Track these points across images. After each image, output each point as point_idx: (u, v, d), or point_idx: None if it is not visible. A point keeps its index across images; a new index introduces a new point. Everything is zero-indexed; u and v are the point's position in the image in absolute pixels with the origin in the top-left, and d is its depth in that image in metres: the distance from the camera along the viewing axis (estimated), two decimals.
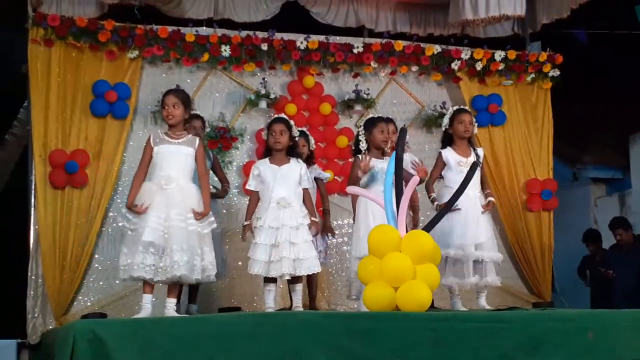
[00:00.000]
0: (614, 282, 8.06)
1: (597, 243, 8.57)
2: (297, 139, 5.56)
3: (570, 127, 9.15)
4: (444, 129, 6.03)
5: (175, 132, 5.17)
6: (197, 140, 5.20)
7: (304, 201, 5.41)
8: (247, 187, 5.55)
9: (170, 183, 5.00)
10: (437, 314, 4.70)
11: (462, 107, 6.16)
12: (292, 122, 5.50)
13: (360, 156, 5.64)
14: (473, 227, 5.69)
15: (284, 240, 5.21)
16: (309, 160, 6.02)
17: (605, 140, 10.33)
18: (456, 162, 5.85)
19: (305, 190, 5.45)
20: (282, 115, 5.68)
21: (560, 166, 9.45)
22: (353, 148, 5.89)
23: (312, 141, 6.21)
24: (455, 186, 5.55)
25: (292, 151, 5.49)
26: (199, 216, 4.99)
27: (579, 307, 7.01)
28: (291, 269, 5.22)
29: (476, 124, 6.12)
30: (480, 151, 6.03)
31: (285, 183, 5.36)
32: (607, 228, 8.40)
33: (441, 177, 5.99)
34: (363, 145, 5.73)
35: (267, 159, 5.48)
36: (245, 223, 5.41)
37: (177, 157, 5.08)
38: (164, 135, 5.17)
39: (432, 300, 4.67)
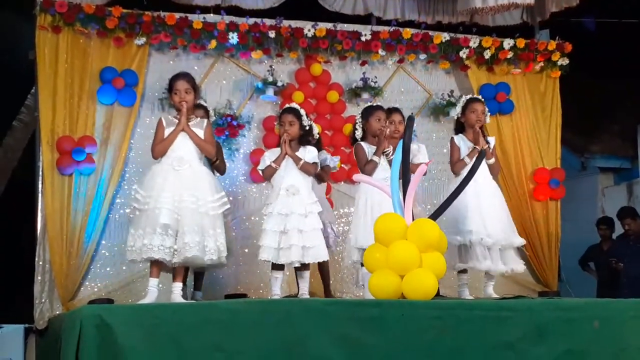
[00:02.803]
0: (620, 272, 8.03)
1: (610, 228, 8.53)
2: (307, 127, 5.54)
3: (579, 116, 9.12)
4: (456, 117, 6.02)
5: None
6: (205, 121, 5.32)
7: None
8: (259, 167, 5.56)
9: (182, 164, 5.09)
10: (443, 302, 4.70)
11: (475, 96, 6.14)
12: (302, 111, 5.51)
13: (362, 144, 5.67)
14: (488, 214, 5.69)
15: (293, 227, 5.24)
16: (317, 147, 6.05)
17: (613, 129, 10.29)
18: (467, 149, 5.83)
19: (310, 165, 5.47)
20: (293, 104, 5.66)
21: (568, 155, 9.43)
22: (351, 136, 5.91)
23: (316, 130, 6.21)
24: (464, 174, 5.55)
25: (303, 139, 5.52)
26: None
27: (585, 297, 7.00)
28: (299, 257, 5.25)
29: (489, 114, 6.07)
30: (491, 140, 6.00)
31: (294, 171, 5.40)
32: (615, 218, 8.38)
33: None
34: (359, 134, 5.74)
35: (279, 148, 5.49)
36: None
37: (188, 140, 5.17)
38: (174, 119, 5.25)
39: (438, 288, 4.67)
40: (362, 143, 5.74)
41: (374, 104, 6.04)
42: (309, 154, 5.47)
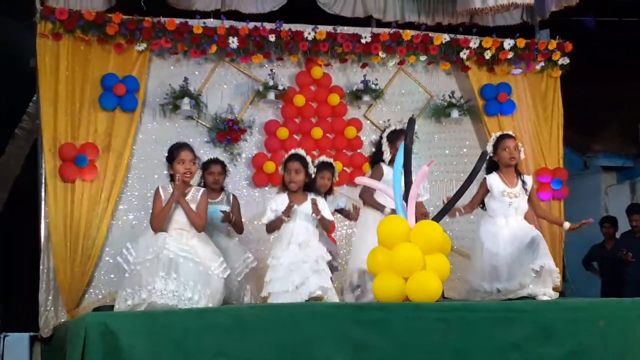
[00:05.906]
0: (624, 271, 8.02)
1: (613, 227, 8.52)
2: (313, 175, 5.38)
3: (581, 115, 9.11)
4: (488, 156, 5.62)
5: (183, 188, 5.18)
6: (201, 192, 5.24)
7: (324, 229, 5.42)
8: (263, 221, 5.39)
9: (184, 237, 5.07)
10: (447, 304, 4.70)
11: (506, 132, 5.92)
12: (308, 159, 5.36)
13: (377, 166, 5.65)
14: (517, 260, 5.43)
15: (304, 272, 5.12)
16: (329, 191, 5.92)
17: (615, 128, 10.28)
18: (500, 192, 5.55)
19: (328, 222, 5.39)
20: (299, 151, 5.43)
21: (571, 155, 9.42)
22: (373, 157, 5.87)
23: (337, 174, 6.07)
24: (498, 216, 5.48)
25: (308, 187, 5.37)
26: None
27: (589, 297, 6.99)
28: (318, 283, 5.09)
29: (522, 149, 5.74)
30: (528, 179, 5.70)
31: (304, 224, 5.27)
32: (620, 215, 8.37)
33: (483, 205, 5.68)
34: (387, 157, 5.68)
35: (285, 195, 5.35)
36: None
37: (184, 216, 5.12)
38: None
39: (442, 290, 4.66)
40: (383, 166, 5.66)
41: (399, 128, 5.79)
42: (324, 209, 5.32)
